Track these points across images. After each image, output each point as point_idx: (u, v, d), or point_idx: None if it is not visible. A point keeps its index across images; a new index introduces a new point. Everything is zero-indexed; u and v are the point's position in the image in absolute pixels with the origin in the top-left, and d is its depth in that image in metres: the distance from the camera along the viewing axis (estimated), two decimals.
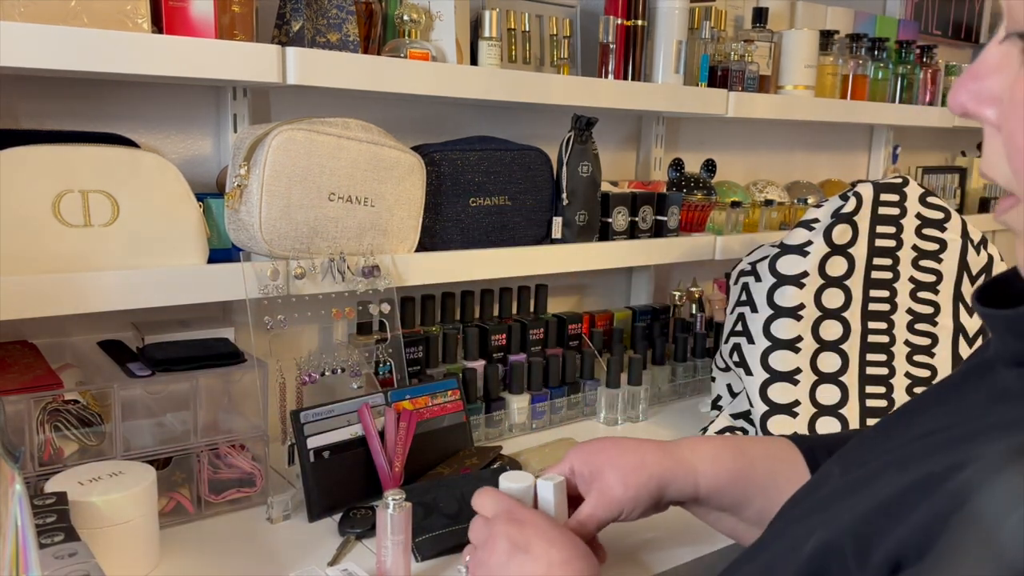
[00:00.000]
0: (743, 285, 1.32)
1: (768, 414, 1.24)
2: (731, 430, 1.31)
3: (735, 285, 1.35)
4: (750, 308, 1.29)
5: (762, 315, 1.27)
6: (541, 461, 1.20)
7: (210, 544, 1.02)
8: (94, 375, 1.13)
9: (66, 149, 0.99)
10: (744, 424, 1.31)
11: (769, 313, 1.26)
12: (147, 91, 1.22)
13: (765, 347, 1.26)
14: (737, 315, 1.32)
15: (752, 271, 1.31)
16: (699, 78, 1.68)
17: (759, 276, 1.29)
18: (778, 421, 1.24)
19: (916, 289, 1.28)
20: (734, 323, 1.32)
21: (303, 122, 1.11)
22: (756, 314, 1.28)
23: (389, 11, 1.34)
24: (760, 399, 1.25)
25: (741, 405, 1.32)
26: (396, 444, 1.13)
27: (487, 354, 1.43)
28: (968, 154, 2.67)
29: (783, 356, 1.25)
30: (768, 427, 1.24)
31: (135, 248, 1.04)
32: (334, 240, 1.15)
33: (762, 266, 1.29)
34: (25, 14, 0.94)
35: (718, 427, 1.33)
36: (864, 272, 1.27)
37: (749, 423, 1.29)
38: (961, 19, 2.62)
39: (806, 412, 1.24)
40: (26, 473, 0.94)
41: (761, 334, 1.26)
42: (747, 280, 1.31)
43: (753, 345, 1.27)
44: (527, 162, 1.37)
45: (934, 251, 1.29)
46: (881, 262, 1.28)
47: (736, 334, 1.31)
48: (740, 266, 1.34)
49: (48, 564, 0.70)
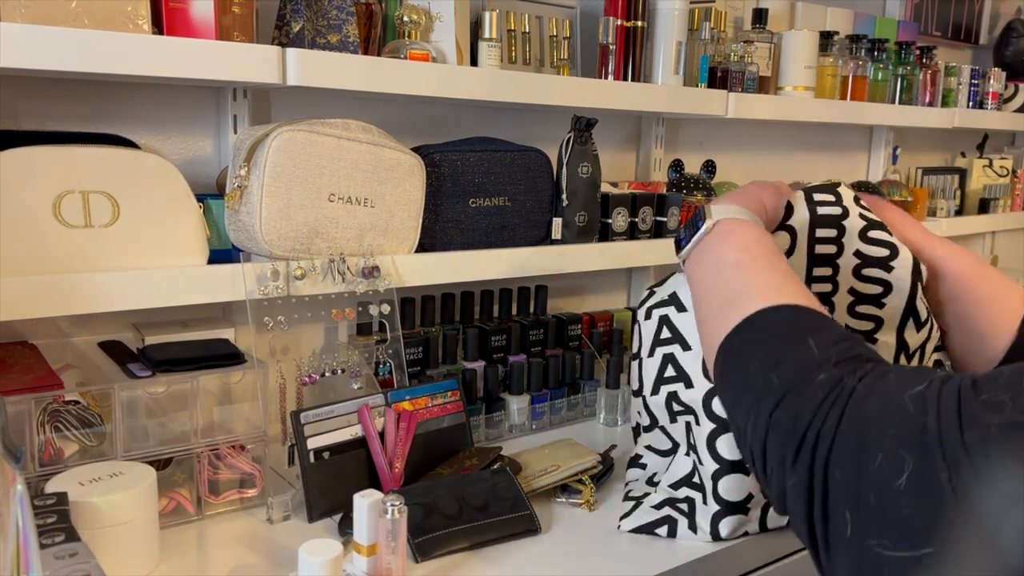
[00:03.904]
0: (661, 319, 1.10)
1: (720, 472, 1.03)
2: (672, 504, 1.09)
3: (647, 321, 1.12)
4: (680, 346, 1.08)
5: (698, 352, 1.06)
6: (541, 462, 1.21)
7: (210, 544, 1.02)
8: (95, 376, 1.13)
9: (67, 150, 0.99)
10: (689, 492, 1.08)
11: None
12: (147, 92, 1.22)
13: (708, 389, 1.04)
14: (662, 357, 1.09)
15: (672, 300, 1.10)
16: (699, 79, 1.68)
17: (682, 305, 1.09)
18: (732, 479, 1.03)
19: (855, 303, 1.00)
20: (660, 367, 1.09)
21: (303, 123, 1.11)
22: (690, 352, 1.07)
23: (389, 12, 1.34)
24: (708, 453, 1.04)
25: (680, 469, 1.10)
26: (396, 445, 1.13)
27: (487, 355, 1.43)
28: (968, 155, 2.67)
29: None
30: (719, 489, 1.04)
31: (135, 249, 1.04)
32: (334, 241, 1.16)
33: (685, 292, 1.09)
34: (26, 15, 0.94)
35: (654, 501, 1.10)
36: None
37: (695, 489, 1.08)
38: (961, 20, 2.62)
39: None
40: (27, 473, 0.94)
41: (701, 375, 1.05)
42: (666, 312, 1.10)
43: (693, 389, 1.06)
44: (527, 163, 1.37)
45: (883, 257, 0.97)
46: (821, 272, 1.01)
47: (667, 380, 1.09)
48: (652, 300, 1.13)
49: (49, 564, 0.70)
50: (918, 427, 0.53)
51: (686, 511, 1.08)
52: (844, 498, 0.56)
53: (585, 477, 1.18)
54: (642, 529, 1.09)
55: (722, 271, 0.78)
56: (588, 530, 1.09)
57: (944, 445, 0.51)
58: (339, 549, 0.86)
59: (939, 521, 0.50)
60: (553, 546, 1.05)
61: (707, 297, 0.79)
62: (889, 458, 0.53)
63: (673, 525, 1.08)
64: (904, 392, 0.56)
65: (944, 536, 0.50)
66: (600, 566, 1.01)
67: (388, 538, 0.90)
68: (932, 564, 0.50)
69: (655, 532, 1.08)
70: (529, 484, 1.15)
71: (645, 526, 1.09)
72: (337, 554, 0.85)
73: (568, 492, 1.17)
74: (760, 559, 1.11)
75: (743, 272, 0.76)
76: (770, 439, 0.63)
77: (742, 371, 0.68)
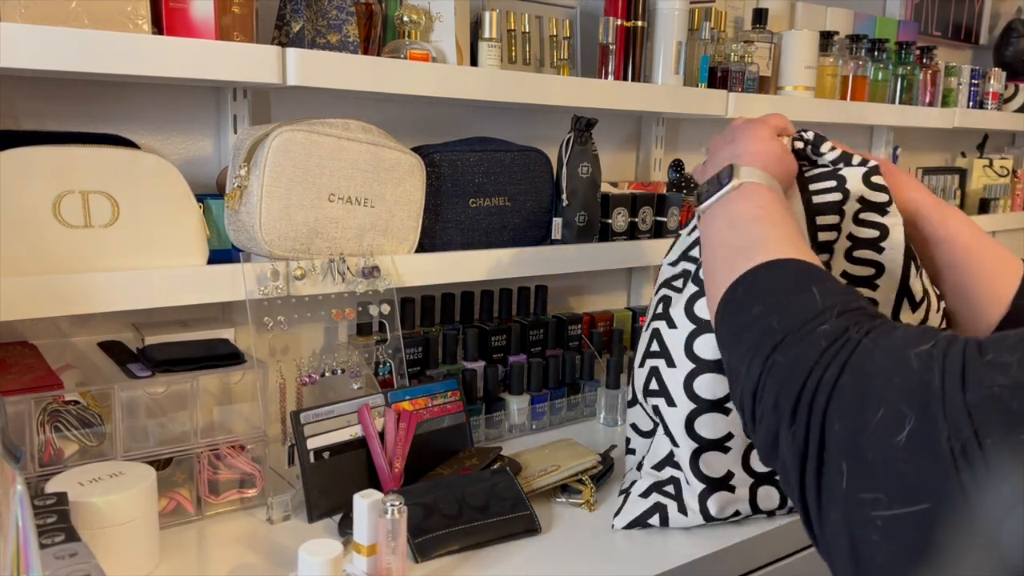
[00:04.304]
0: (662, 297, 1.10)
1: (698, 451, 1.04)
2: (658, 488, 1.09)
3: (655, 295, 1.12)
4: (667, 323, 1.06)
5: (682, 332, 1.04)
6: (541, 462, 1.21)
7: (210, 545, 1.02)
8: (94, 376, 1.13)
9: (67, 150, 0.99)
10: (672, 472, 1.08)
11: (691, 329, 1.03)
12: (147, 92, 1.22)
13: (690, 370, 1.02)
14: (652, 331, 1.08)
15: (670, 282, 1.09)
16: (699, 79, 1.68)
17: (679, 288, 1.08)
18: (709, 458, 1.04)
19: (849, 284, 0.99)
20: (648, 342, 1.08)
21: (303, 123, 1.11)
22: (675, 330, 1.04)
23: (389, 12, 1.34)
24: (686, 433, 1.03)
25: (660, 450, 1.10)
26: (396, 445, 1.13)
27: (487, 355, 1.43)
28: (968, 155, 2.67)
29: (709, 381, 1.01)
30: (700, 465, 1.04)
31: (135, 249, 1.04)
32: (334, 241, 1.16)
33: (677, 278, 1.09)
34: (26, 15, 0.94)
35: (640, 489, 1.10)
36: None
37: (677, 468, 1.07)
38: (961, 20, 2.62)
39: (739, 446, 1.04)
40: (27, 473, 0.94)
41: (683, 355, 1.03)
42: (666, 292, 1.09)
43: (674, 369, 1.04)
44: (527, 163, 1.37)
45: (873, 239, 0.97)
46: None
47: (652, 355, 1.07)
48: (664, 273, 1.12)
49: (49, 564, 0.70)
50: (922, 384, 0.53)
51: (672, 493, 1.08)
52: (841, 450, 0.56)
53: (585, 477, 1.18)
54: (635, 523, 1.09)
55: (737, 225, 0.79)
56: (588, 530, 1.09)
57: (947, 405, 0.51)
58: (339, 549, 0.86)
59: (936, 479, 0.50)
60: (553, 546, 1.05)
61: (719, 248, 0.79)
62: (891, 413, 0.53)
63: (664, 512, 1.08)
64: (910, 349, 0.56)
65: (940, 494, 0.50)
66: (600, 566, 1.01)
67: (388, 538, 0.90)
68: (926, 520, 0.50)
69: (648, 523, 1.08)
70: (529, 484, 1.15)
71: (637, 519, 1.09)
72: (337, 554, 0.85)
73: (568, 492, 1.17)
74: (760, 559, 1.11)
75: (758, 226, 0.77)
76: (765, 382, 0.62)
77: (745, 313, 0.68)
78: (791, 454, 0.59)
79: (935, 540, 0.50)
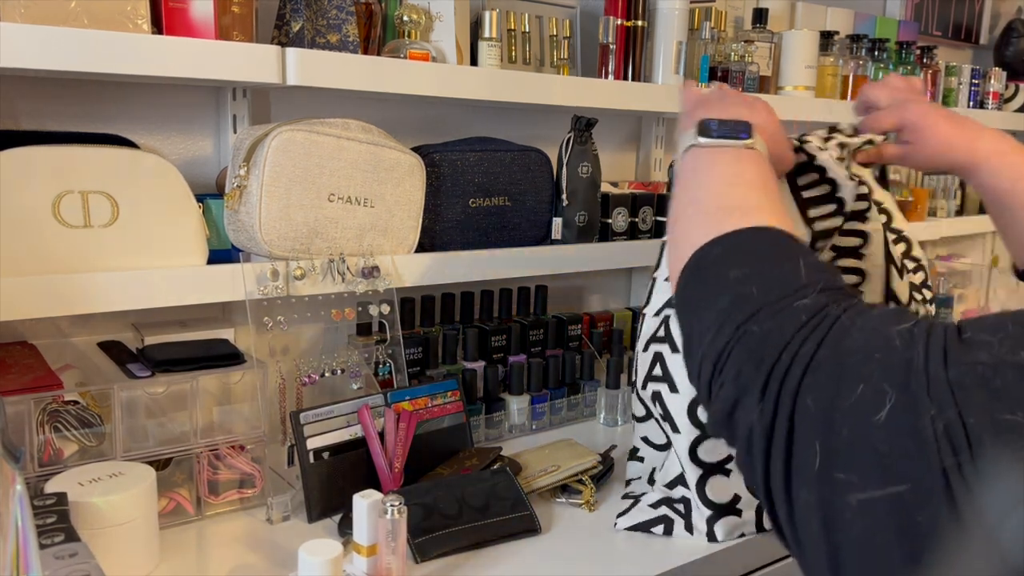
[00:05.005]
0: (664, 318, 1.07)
1: (704, 477, 1.05)
2: (669, 503, 1.09)
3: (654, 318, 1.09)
4: (669, 347, 1.05)
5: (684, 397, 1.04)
6: (541, 462, 1.20)
7: (210, 545, 1.02)
8: (94, 376, 1.13)
9: (66, 150, 0.99)
10: (684, 492, 1.08)
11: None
12: (147, 92, 1.22)
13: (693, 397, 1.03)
14: (653, 355, 1.07)
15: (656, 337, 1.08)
16: (699, 79, 1.68)
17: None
18: (715, 483, 1.05)
19: None
20: (650, 365, 1.08)
21: (303, 123, 1.11)
22: (677, 355, 1.04)
23: (389, 12, 1.34)
24: (690, 460, 1.04)
25: (673, 469, 1.10)
26: (396, 445, 1.13)
27: (487, 355, 1.43)
28: None
29: None
30: (707, 491, 1.05)
31: (135, 249, 1.04)
32: (334, 241, 1.15)
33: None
34: (26, 15, 0.94)
35: (652, 500, 1.10)
36: None
37: (686, 487, 1.08)
38: (961, 20, 2.62)
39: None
40: (27, 474, 0.94)
41: (686, 382, 1.02)
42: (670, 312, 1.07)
43: (677, 395, 1.04)
44: (527, 163, 1.37)
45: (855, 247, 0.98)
46: None
47: (655, 379, 1.07)
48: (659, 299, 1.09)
49: (48, 564, 0.70)
50: (903, 361, 0.51)
51: (682, 512, 1.08)
52: (814, 428, 0.53)
53: (585, 477, 1.18)
54: (638, 527, 1.08)
55: (737, 184, 0.75)
56: (588, 530, 1.09)
57: (930, 382, 0.50)
58: (339, 549, 0.86)
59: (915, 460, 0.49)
60: (553, 546, 1.05)
61: (704, 196, 0.75)
62: (870, 390, 0.51)
63: (669, 525, 1.08)
64: (892, 327, 0.54)
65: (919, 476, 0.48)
66: (600, 566, 1.01)
67: (388, 538, 0.90)
68: (901, 503, 0.49)
69: (651, 531, 1.08)
70: (529, 484, 1.15)
71: (641, 524, 1.08)
72: (337, 554, 0.85)
73: (568, 492, 1.17)
74: (760, 559, 1.11)
75: (756, 193, 0.74)
76: (732, 350, 0.59)
77: (722, 275, 0.65)
78: (758, 430, 0.56)
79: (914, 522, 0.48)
